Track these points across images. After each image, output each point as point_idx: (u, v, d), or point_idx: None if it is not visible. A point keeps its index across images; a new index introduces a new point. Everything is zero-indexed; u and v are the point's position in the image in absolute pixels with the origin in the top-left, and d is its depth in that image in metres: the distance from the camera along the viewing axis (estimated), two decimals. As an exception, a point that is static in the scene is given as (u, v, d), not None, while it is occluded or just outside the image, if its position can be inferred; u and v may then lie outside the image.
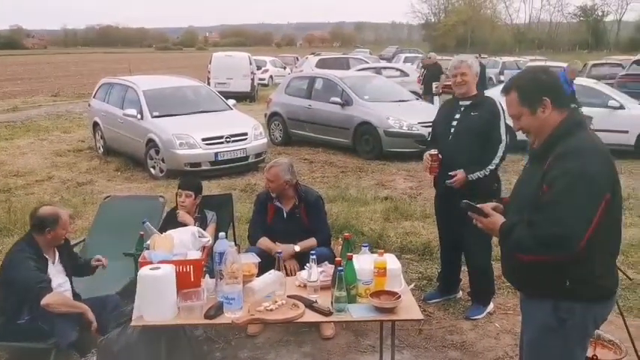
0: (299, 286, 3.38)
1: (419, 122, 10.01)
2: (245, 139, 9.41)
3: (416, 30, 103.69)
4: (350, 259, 3.11)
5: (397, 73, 19.20)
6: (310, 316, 3.03)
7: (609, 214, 2.19)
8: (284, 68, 28.91)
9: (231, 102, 10.83)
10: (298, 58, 31.93)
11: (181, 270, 3.11)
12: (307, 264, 3.32)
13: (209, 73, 20.62)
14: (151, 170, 9.23)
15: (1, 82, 29.69)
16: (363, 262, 3.21)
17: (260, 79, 23.94)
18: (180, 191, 4.46)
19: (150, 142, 9.19)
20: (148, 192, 7.94)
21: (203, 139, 9.01)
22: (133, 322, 3.00)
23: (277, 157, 5.07)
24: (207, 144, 9.02)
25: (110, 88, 11.01)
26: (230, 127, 9.48)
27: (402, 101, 11.34)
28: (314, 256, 3.26)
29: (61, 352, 3.39)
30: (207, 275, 3.34)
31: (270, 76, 27.43)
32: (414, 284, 4.76)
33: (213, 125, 9.49)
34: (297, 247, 4.14)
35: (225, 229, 4.49)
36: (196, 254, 3.36)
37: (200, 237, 3.57)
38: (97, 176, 9.26)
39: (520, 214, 2.29)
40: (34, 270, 3.39)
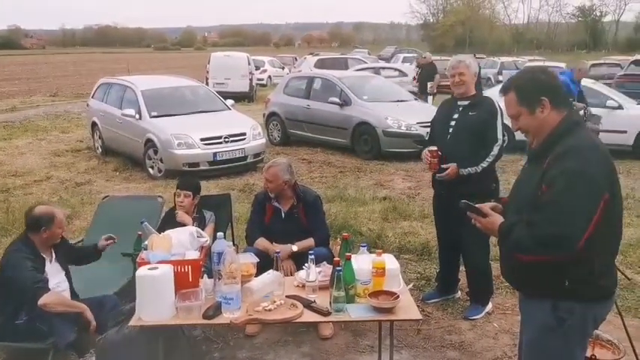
0: (297, 286, 3.37)
1: (417, 122, 10.00)
2: (243, 139, 9.41)
3: (414, 30, 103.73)
4: (348, 259, 3.11)
5: (396, 73, 19.25)
6: (309, 316, 3.02)
7: (608, 214, 2.19)
8: (282, 68, 28.93)
9: (230, 102, 10.83)
10: (297, 58, 31.93)
11: (179, 270, 3.11)
12: (306, 264, 3.32)
13: (207, 73, 20.60)
14: (150, 170, 9.23)
15: (-1, 82, 29.72)
16: (362, 262, 3.20)
17: (258, 79, 23.95)
18: (178, 191, 4.45)
19: (148, 142, 9.18)
20: (146, 192, 7.94)
21: (201, 139, 9.00)
22: (131, 322, 3.00)
23: (276, 157, 5.07)
24: (205, 144, 9.01)
25: (108, 88, 11.00)
26: (228, 127, 9.47)
27: (400, 101, 11.34)
28: (312, 256, 3.26)
29: (59, 353, 3.38)
30: (205, 275, 3.33)
31: (269, 76, 27.46)
32: (412, 284, 4.74)
33: (211, 125, 9.48)
34: (295, 247, 4.14)
35: (224, 230, 4.49)
36: (194, 254, 3.35)
37: (198, 237, 3.56)
38: (95, 176, 9.26)
39: (519, 214, 2.29)
40: (31, 270, 3.38)
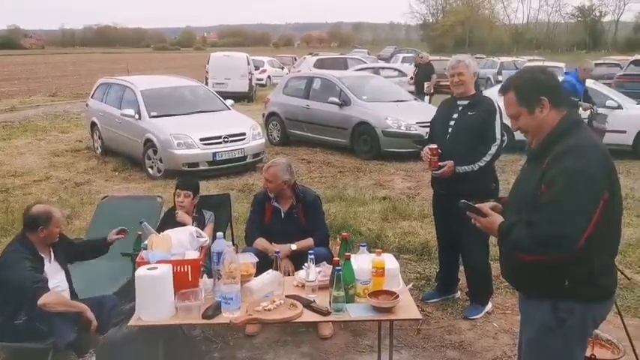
0: (297, 285, 3.37)
1: (417, 122, 10.00)
2: (243, 139, 9.40)
3: (414, 30, 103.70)
4: (348, 258, 3.11)
5: (395, 74, 19.25)
6: (308, 315, 3.02)
7: (608, 214, 2.18)
8: (282, 68, 28.93)
9: (229, 102, 10.82)
10: (296, 58, 31.94)
11: (179, 270, 3.11)
12: (305, 264, 3.32)
13: (207, 73, 20.60)
14: (149, 170, 9.22)
15: (-2, 82, 29.70)
16: (362, 262, 3.20)
17: (258, 79, 23.94)
18: (178, 191, 4.45)
19: (148, 142, 9.17)
20: (145, 192, 7.94)
21: (201, 139, 9.00)
22: (130, 321, 3.00)
23: (275, 157, 5.07)
24: (205, 144, 9.00)
25: (108, 88, 10.99)
26: (228, 127, 9.47)
27: (400, 101, 11.33)
28: (312, 256, 3.26)
29: (59, 353, 3.38)
30: (205, 275, 3.33)
31: (268, 77, 27.46)
32: (412, 284, 4.76)
33: (211, 125, 9.48)
34: (294, 246, 4.14)
35: (223, 229, 4.49)
36: (194, 254, 3.35)
37: (198, 237, 3.56)
38: (94, 176, 9.25)
39: (519, 214, 2.28)
40: (30, 270, 3.37)
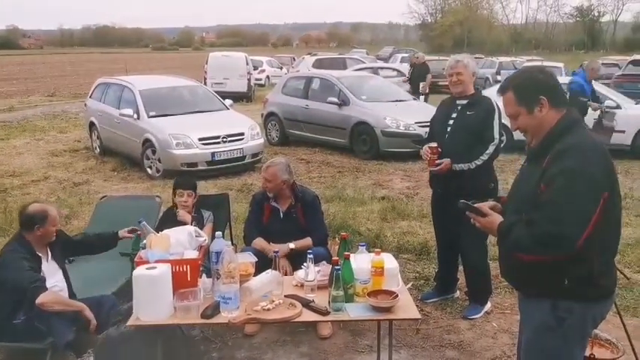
0: (296, 285, 3.36)
1: (416, 122, 10.00)
2: (242, 139, 9.39)
3: (413, 30, 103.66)
4: (347, 258, 3.10)
5: (394, 74, 19.20)
6: (307, 315, 3.02)
7: (608, 213, 2.18)
8: (280, 68, 28.90)
9: (228, 102, 10.81)
10: (295, 58, 31.92)
11: (178, 269, 3.10)
12: (304, 263, 3.31)
13: (206, 73, 20.57)
14: (148, 170, 9.21)
15: (-3, 82, 29.66)
16: (361, 262, 3.19)
17: (257, 79, 23.95)
18: (181, 191, 4.47)
19: (146, 142, 9.16)
20: (144, 192, 7.93)
21: (200, 139, 8.99)
22: (129, 321, 2.99)
23: (274, 157, 5.06)
24: (203, 144, 8.99)
25: (106, 88, 10.97)
26: (227, 127, 9.46)
27: (399, 101, 11.33)
28: (311, 256, 3.26)
29: (58, 353, 3.37)
30: (204, 275, 3.33)
31: (267, 76, 27.45)
32: (411, 284, 4.76)
33: (209, 125, 9.47)
34: (292, 245, 4.14)
35: (222, 229, 4.49)
36: (193, 254, 3.34)
37: (197, 236, 3.56)
38: (93, 176, 9.24)
39: (518, 214, 2.28)
40: (28, 269, 3.37)
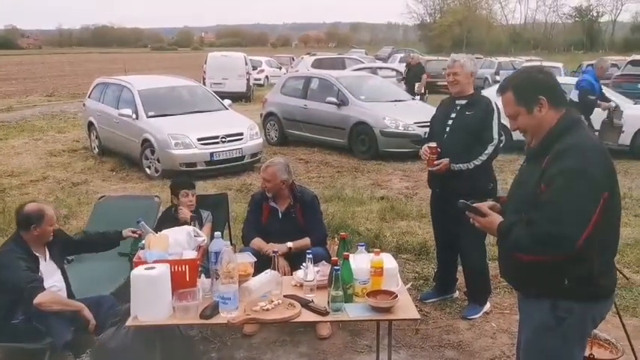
0: (295, 285, 3.36)
1: (415, 122, 10.00)
2: (241, 139, 9.39)
3: (412, 30, 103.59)
4: (346, 258, 3.10)
5: (393, 74, 19.20)
6: (307, 315, 3.01)
7: (608, 213, 2.18)
8: (279, 68, 28.90)
9: (227, 102, 10.81)
10: (294, 58, 31.91)
11: (177, 270, 3.09)
12: (303, 263, 3.31)
13: (204, 73, 20.57)
14: (147, 170, 9.20)
15: (-5, 82, 29.61)
16: (360, 262, 3.19)
17: (255, 79, 23.96)
18: (186, 191, 4.51)
19: (145, 142, 9.15)
20: (143, 192, 7.92)
21: (199, 139, 8.98)
22: (128, 322, 2.98)
23: (273, 157, 5.06)
24: (202, 144, 8.98)
25: (105, 88, 10.95)
26: (226, 127, 9.45)
27: (398, 101, 11.33)
28: (310, 256, 3.25)
29: (56, 353, 3.37)
30: (202, 275, 3.32)
31: (266, 77, 27.45)
32: (410, 284, 4.76)
33: (208, 125, 9.46)
34: (290, 244, 4.13)
35: (221, 229, 4.48)
36: (192, 254, 3.34)
37: (195, 236, 3.55)
38: (91, 176, 9.23)
39: (518, 214, 2.28)
40: (25, 270, 3.37)
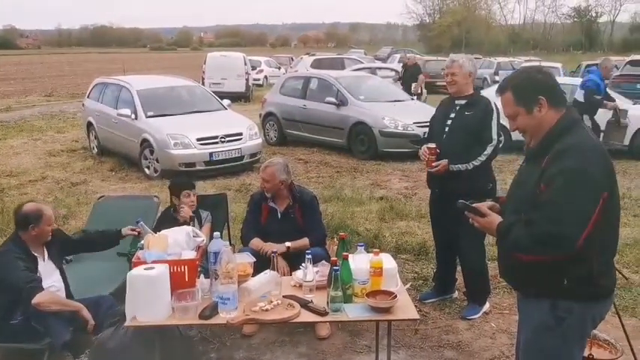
0: (294, 286, 3.36)
1: (414, 122, 10.00)
2: (240, 139, 9.38)
3: (411, 30, 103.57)
4: (346, 258, 3.10)
5: (392, 74, 19.19)
6: (306, 316, 3.01)
7: (608, 213, 2.18)
8: (279, 68, 28.91)
9: (226, 102, 10.80)
10: (293, 58, 31.92)
11: (176, 270, 3.09)
12: (303, 264, 3.31)
13: (204, 73, 20.58)
14: (146, 170, 9.19)
15: (-6, 82, 29.59)
16: (359, 262, 3.19)
17: (255, 80, 23.95)
18: (188, 192, 4.50)
19: (144, 142, 9.14)
20: (142, 192, 7.91)
21: (198, 139, 8.97)
22: (126, 322, 2.98)
23: (272, 157, 5.06)
24: (201, 144, 8.98)
25: (104, 88, 10.95)
26: (225, 127, 9.44)
27: (397, 101, 11.33)
28: (309, 256, 3.25)
29: (55, 353, 3.36)
30: (202, 275, 3.32)
31: (265, 77, 27.46)
32: (409, 284, 4.75)
33: (207, 125, 9.45)
34: (288, 243, 4.13)
35: (220, 229, 4.48)
36: (191, 254, 3.34)
37: (195, 237, 3.55)
38: (91, 176, 9.22)
39: (517, 214, 2.28)
40: (24, 270, 3.36)
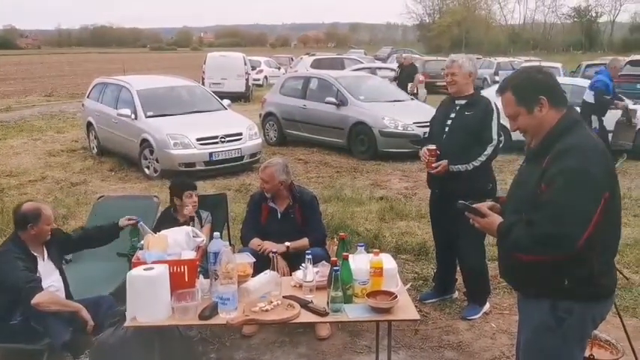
0: (294, 286, 3.35)
1: (414, 122, 10.00)
2: (240, 139, 9.38)
3: (411, 31, 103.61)
4: (346, 258, 3.09)
5: (392, 74, 19.20)
6: (306, 316, 3.01)
7: (609, 213, 2.17)
8: (278, 68, 28.91)
9: (226, 102, 10.80)
10: (293, 58, 31.92)
11: (175, 270, 3.08)
12: (303, 264, 3.30)
13: (203, 73, 20.59)
14: (145, 170, 9.19)
15: (-6, 82, 29.59)
16: (359, 262, 3.18)
17: (254, 80, 23.95)
18: (190, 192, 4.49)
19: (144, 142, 9.14)
20: (142, 192, 7.90)
21: (197, 139, 8.97)
22: (126, 322, 2.97)
23: (272, 158, 5.05)
24: (201, 144, 8.98)
25: (104, 88, 10.95)
26: (225, 127, 9.44)
27: (397, 101, 11.33)
28: (309, 256, 3.24)
29: (54, 354, 3.36)
30: (201, 275, 3.31)
31: (265, 77, 27.45)
32: (409, 284, 4.75)
33: (207, 125, 9.45)
34: (288, 243, 4.12)
35: (220, 230, 4.47)
36: (191, 254, 3.33)
37: (194, 237, 3.54)
38: (90, 176, 9.22)
39: (518, 214, 2.27)
40: (23, 270, 3.36)
